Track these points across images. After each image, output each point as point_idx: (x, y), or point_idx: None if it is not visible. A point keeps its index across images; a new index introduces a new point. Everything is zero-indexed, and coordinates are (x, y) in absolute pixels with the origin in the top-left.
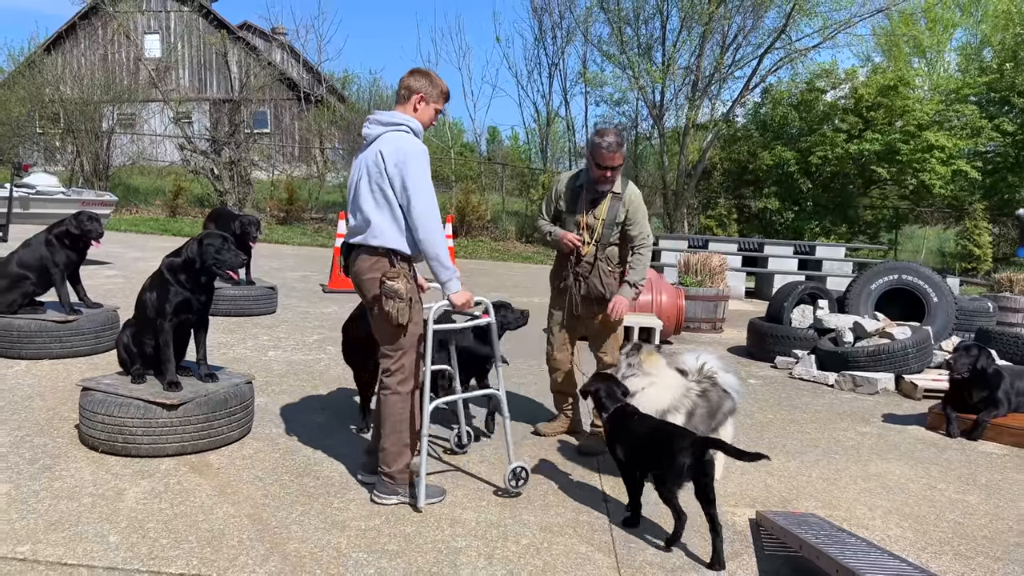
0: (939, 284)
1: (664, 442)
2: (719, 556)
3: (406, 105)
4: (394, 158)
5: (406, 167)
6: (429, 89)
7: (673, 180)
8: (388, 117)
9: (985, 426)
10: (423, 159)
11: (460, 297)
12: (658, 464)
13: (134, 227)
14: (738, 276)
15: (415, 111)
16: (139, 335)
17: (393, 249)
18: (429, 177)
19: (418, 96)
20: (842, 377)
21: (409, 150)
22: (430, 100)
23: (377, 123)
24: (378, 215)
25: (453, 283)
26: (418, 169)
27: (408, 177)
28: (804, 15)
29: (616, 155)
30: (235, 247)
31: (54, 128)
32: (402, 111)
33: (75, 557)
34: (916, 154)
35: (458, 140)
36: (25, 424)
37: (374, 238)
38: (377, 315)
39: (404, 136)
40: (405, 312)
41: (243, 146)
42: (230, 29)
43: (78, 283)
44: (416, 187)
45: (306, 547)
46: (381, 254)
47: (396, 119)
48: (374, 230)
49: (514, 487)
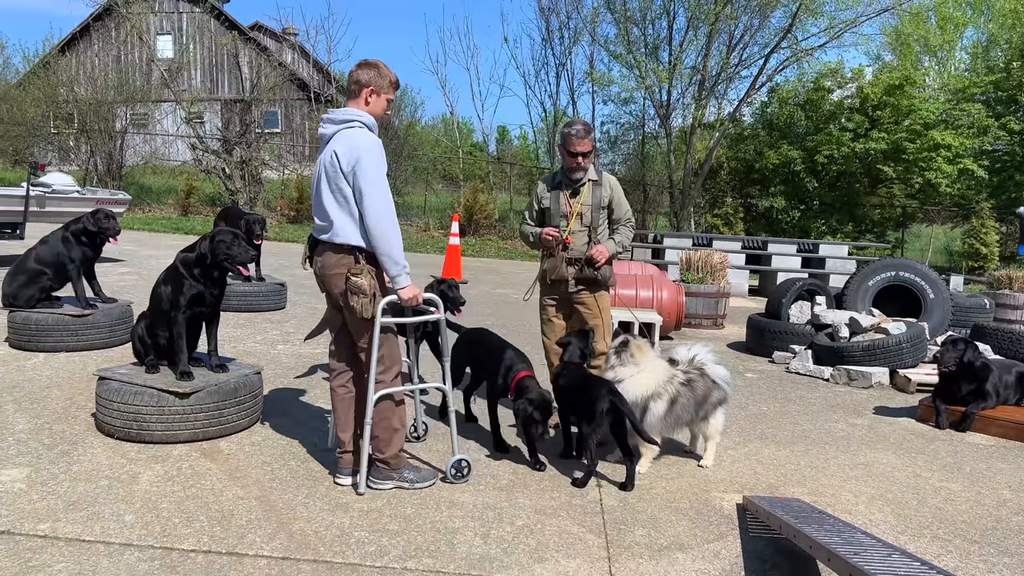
0: (935, 281)
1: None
2: (631, 478)
3: (358, 100)
4: (347, 156)
5: (359, 164)
6: (378, 80)
7: (680, 179)
8: (341, 115)
9: (973, 418)
10: (376, 153)
11: (407, 292)
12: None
13: (147, 226)
14: (742, 274)
15: (367, 104)
16: (153, 327)
17: (357, 247)
18: (382, 171)
19: (368, 89)
20: (837, 371)
21: (362, 146)
22: (381, 91)
23: (331, 122)
24: (339, 214)
25: (402, 278)
26: (371, 165)
27: (360, 174)
28: (810, 14)
29: (584, 141)
30: (245, 243)
31: (68, 128)
32: (355, 106)
33: (92, 534)
34: (922, 153)
35: (468, 140)
36: (44, 412)
37: (337, 236)
38: (345, 310)
39: (357, 132)
40: (369, 307)
41: (254, 146)
42: (241, 30)
43: (93, 279)
44: (368, 183)
45: (311, 526)
46: (346, 251)
47: (348, 115)
48: (337, 229)
49: (458, 479)
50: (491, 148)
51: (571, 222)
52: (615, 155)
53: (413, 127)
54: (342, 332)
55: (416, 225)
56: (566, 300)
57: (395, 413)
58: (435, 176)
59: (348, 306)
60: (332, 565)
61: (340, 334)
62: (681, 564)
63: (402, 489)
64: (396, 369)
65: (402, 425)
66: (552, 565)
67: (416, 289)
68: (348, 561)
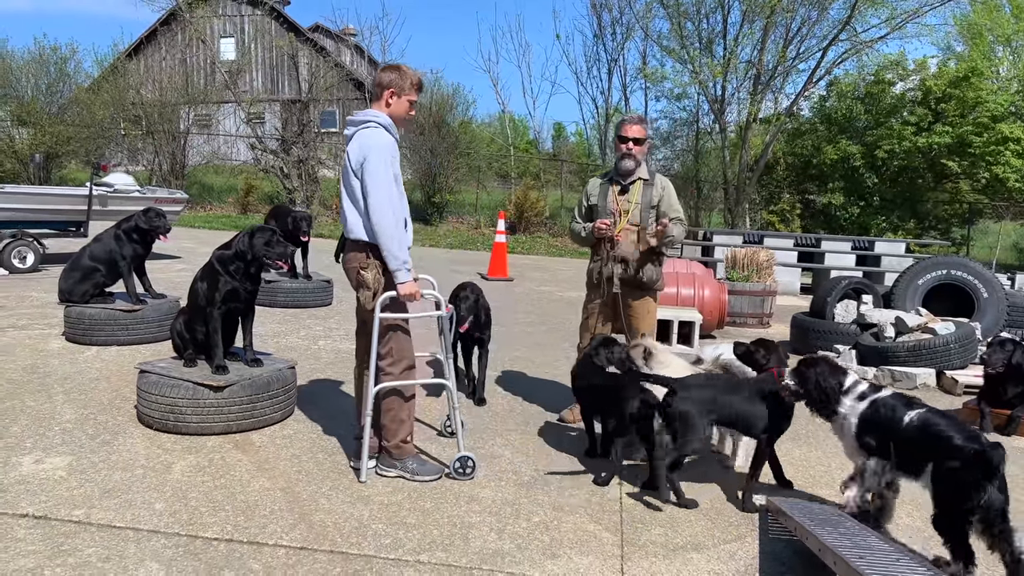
0: (989, 280)
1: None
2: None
3: (379, 102)
4: (357, 155)
5: (366, 162)
6: (400, 82)
7: (735, 175)
8: (360, 116)
9: (1019, 421)
10: (385, 152)
11: (406, 288)
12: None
13: (207, 224)
14: (794, 272)
15: (387, 106)
16: (191, 322)
17: (368, 242)
18: (387, 169)
19: (389, 91)
20: (880, 372)
21: (372, 145)
22: (402, 93)
23: (351, 124)
24: (352, 212)
25: (401, 273)
26: (377, 162)
27: (366, 171)
28: (870, 4)
29: (636, 127)
30: (283, 240)
31: (136, 130)
32: (376, 108)
33: (123, 521)
34: (990, 147)
35: (524, 137)
36: (91, 404)
37: (351, 233)
38: (357, 302)
39: (371, 132)
40: (371, 300)
41: (311, 145)
42: (300, 31)
43: (144, 275)
44: (372, 179)
45: (331, 518)
46: (360, 248)
47: (366, 116)
48: (351, 226)
49: (461, 475)
50: (545, 145)
51: (620, 220)
52: (668, 151)
53: (467, 125)
54: (363, 324)
55: (467, 223)
56: (611, 302)
57: (403, 405)
58: (489, 174)
59: (357, 299)
60: (347, 556)
61: (362, 326)
62: (695, 564)
63: (404, 479)
64: (405, 363)
65: (409, 417)
66: (564, 562)
67: (415, 286)
68: (363, 552)
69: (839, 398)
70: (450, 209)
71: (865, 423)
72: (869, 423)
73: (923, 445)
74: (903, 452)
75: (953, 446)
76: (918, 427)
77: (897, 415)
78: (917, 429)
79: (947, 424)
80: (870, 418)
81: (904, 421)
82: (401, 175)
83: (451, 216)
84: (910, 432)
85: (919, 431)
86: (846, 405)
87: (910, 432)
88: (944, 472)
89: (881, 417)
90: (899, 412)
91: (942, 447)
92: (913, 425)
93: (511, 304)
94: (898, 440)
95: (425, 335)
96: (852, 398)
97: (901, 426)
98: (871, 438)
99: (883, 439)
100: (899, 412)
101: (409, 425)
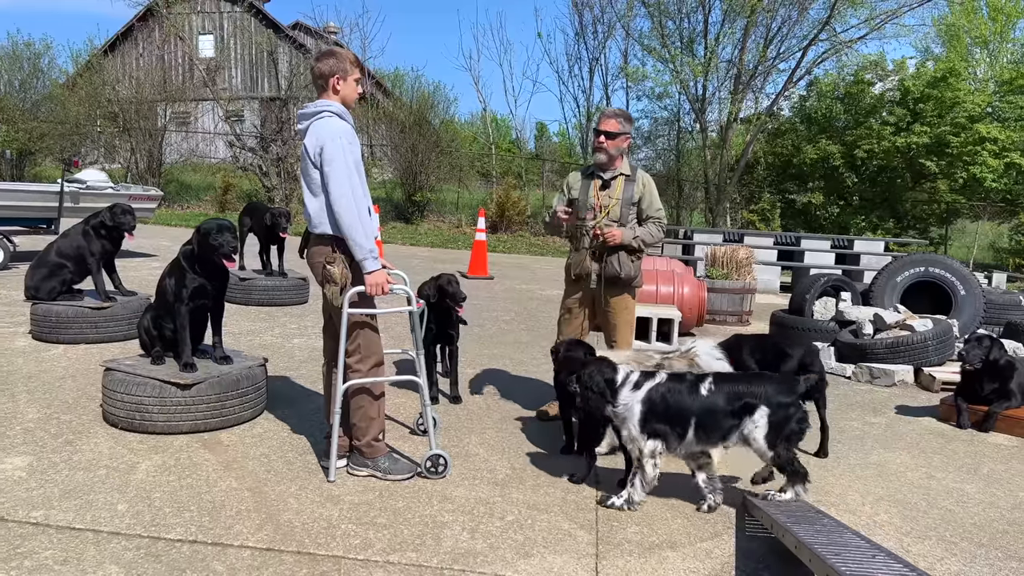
0: (966, 277)
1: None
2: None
3: (327, 92)
4: (314, 147)
5: (324, 151)
6: (340, 65)
7: (715, 175)
8: (312, 108)
9: (996, 417)
10: (341, 139)
11: (374, 277)
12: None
13: (185, 222)
14: (773, 270)
15: (336, 93)
16: (158, 319)
17: (333, 236)
18: (347, 156)
19: (335, 78)
20: (859, 369)
21: (327, 134)
22: (347, 75)
23: (303, 117)
24: (315, 205)
25: (369, 262)
26: (335, 150)
27: (325, 159)
28: (850, 5)
29: (609, 120)
30: (233, 234)
31: (112, 127)
32: (325, 98)
33: (83, 523)
34: (967, 147)
35: (506, 136)
36: (55, 403)
37: (315, 227)
38: (323, 298)
39: (326, 122)
40: (338, 296)
41: (290, 143)
42: (280, 29)
43: (113, 272)
44: (332, 168)
45: (299, 518)
46: (325, 242)
47: (318, 107)
48: (314, 220)
49: (433, 474)
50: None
51: (599, 215)
52: (650, 150)
53: (449, 124)
54: (330, 320)
55: (449, 222)
56: (589, 297)
57: (373, 403)
58: (471, 173)
59: (323, 294)
60: (315, 557)
61: (328, 323)
62: (671, 562)
63: (376, 478)
64: (374, 360)
65: (379, 415)
66: (538, 561)
67: (383, 275)
68: (331, 553)
69: (615, 393)
70: (431, 208)
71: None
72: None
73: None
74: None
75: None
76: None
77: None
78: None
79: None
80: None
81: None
82: (361, 162)
83: (432, 215)
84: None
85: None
86: (624, 396)
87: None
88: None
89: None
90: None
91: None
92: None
93: (491, 302)
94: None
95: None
96: (628, 390)
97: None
98: (656, 422)
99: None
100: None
101: (380, 423)
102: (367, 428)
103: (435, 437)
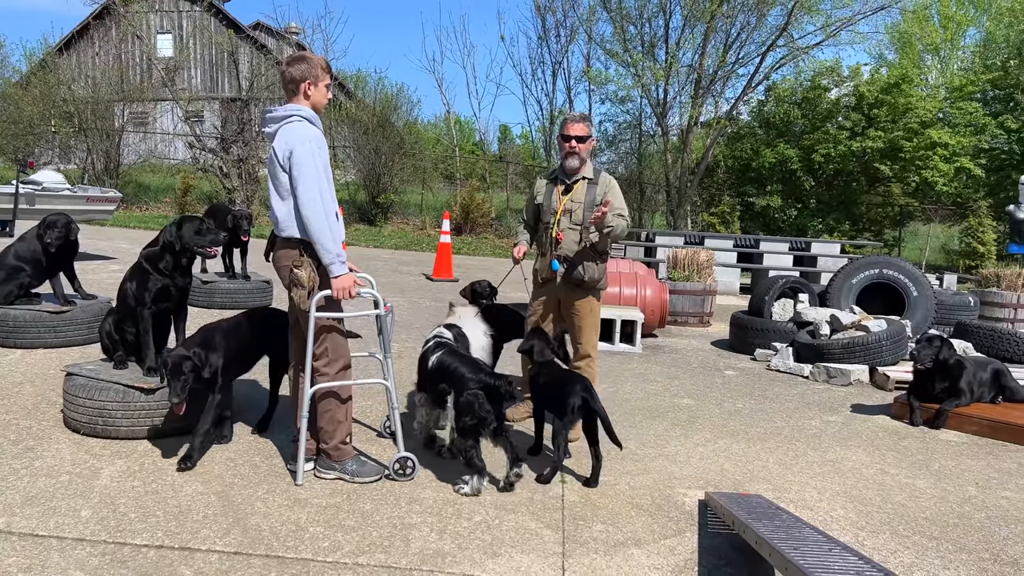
0: (918, 278)
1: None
2: (596, 476)
3: (297, 96)
4: (283, 150)
5: (293, 155)
6: (312, 71)
7: (676, 178)
8: (281, 112)
9: (946, 415)
10: (310, 144)
11: (341, 281)
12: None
13: (143, 224)
14: (733, 272)
15: (307, 98)
16: (121, 323)
17: (301, 239)
18: (315, 161)
19: (306, 83)
20: (816, 368)
21: (296, 139)
22: (317, 80)
23: (272, 120)
24: (283, 208)
25: (336, 266)
26: (304, 154)
27: (294, 164)
28: (806, 12)
29: (579, 124)
30: (213, 227)
31: (68, 127)
32: (295, 103)
33: (47, 529)
34: (919, 151)
35: (470, 139)
36: (13, 408)
37: (282, 231)
38: (289, 302)
39: (295, 127)
40: (305, 300)
41: (251, 144)
42: (241, 29)
43: (73, 275)
44: (300, 172)
45: (267, 522)
46: (292, 245)
47: (288, 111)
48: (282, 223)
49: (401, 476)
50: (491, 146)
51: (553, 221)
52: (613, 154)
53: (412, 126)
54: (297, 324)
55: (413, 224)
56: (554, 301)
57: (340, 406)
58: (435, 175)
59: (290, 298)
60: (284, 560)
61: (295, 326)
62: (635, 560)
63: (343, 481)
64: (341, 363)
65: (347, 418)
66: (505, 560)
67: (351, 279)
68: (300, 556)
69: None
70: (395, 210)
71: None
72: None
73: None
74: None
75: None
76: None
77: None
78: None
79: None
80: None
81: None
82: (330, 167)
83: (396, 217)
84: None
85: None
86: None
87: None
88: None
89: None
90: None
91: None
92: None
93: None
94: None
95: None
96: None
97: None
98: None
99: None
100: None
101: (347, 426)
102: (334, 431)
103: (402, 440)
